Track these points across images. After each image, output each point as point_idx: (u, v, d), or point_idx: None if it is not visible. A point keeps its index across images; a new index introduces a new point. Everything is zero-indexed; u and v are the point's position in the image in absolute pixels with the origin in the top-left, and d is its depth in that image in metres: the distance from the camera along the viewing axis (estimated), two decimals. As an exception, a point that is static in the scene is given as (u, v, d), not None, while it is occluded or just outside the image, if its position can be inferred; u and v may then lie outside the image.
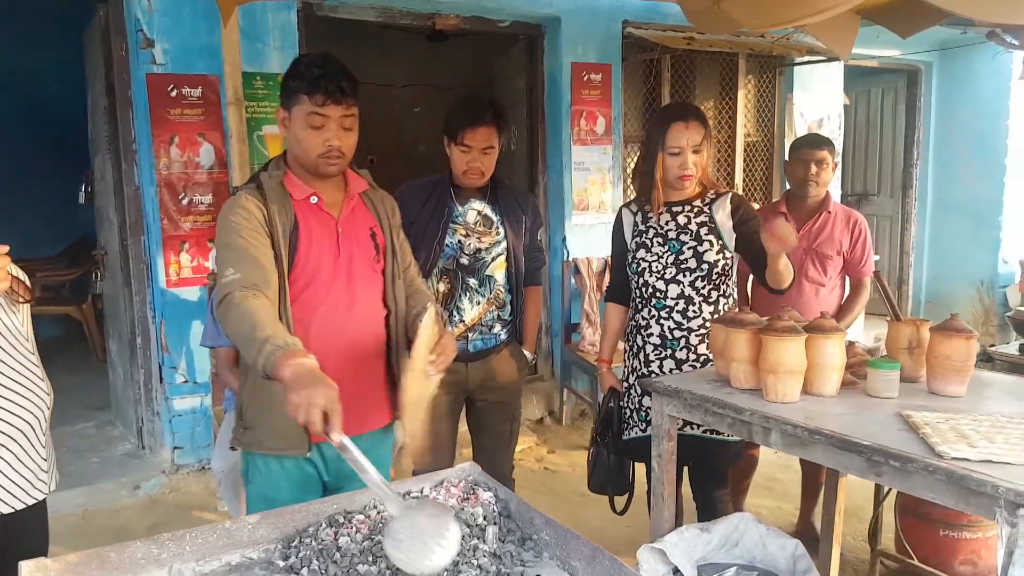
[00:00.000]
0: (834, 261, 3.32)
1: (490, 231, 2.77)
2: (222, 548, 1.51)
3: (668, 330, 2.65)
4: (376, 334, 2.10)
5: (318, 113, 1.91)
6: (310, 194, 2.00)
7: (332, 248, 2.01)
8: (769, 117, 6.46)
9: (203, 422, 4.25)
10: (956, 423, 1.81)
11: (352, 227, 2.06)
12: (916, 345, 2.21)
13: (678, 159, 2.57)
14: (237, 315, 1.74)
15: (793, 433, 1.91)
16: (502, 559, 1.49)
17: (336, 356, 1.96)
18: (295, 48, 4.27)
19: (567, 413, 5.35)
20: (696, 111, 2.63)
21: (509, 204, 2.82)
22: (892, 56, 6.91)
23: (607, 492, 2.86)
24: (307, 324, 1.97)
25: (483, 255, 2.75)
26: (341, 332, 2.01)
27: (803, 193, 3.34)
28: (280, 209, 1.94)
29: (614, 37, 5.41)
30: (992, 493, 1.51)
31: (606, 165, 5.49)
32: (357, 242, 2.06)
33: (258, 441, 2.00)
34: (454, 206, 2.74)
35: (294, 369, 1.58)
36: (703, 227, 2.62)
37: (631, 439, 2.77)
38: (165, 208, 4.04)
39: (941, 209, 7.75)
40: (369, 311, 2.08)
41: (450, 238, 2.73)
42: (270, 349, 1.63)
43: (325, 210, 2.02)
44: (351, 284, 2.03)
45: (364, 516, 1.60)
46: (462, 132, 2.64)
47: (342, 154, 1.97)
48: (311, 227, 1.98)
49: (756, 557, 2.20)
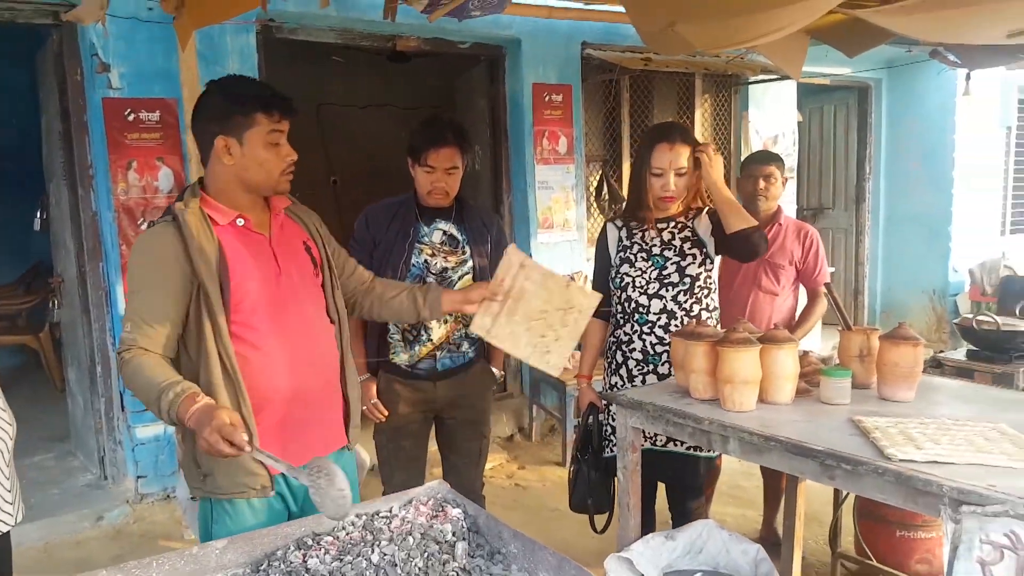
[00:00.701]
0: (786, 271, 3.41)
1: (456, 251, 2.79)
2: (189, 575, 1.52)
3: (650, 345, 2.68)
4: (328, 349, 2.08)
5: (277, 130, 1.91)
6: (235, 217, 1.94)
7: (271, 268, 1.96)
8: (725, 135, 6.59)
9: (167, 450, 4.20)
10: (904, 427, 1.88)
11: (285, 244, 2.02)
12: (867, 353, 2.28)
13: (660, 180, 2.61)
14: (129, 373, 1.80)
15: (750, 441, 1.96)
16: (471, 573, 1.52)
17: (299, 376, 1.96)
18: (255, 71, 4.27)
19: (536, 429, 5.38)
20: (683, 133, 2.66)
21: (474, 224, 2.85)
22: (843, 74, 7.10)
23: (588, 510, 2.86)
24: (264, 349, 1.92)
25: (450, 274, 2.77)
26: (300, 352, 1.97)
27: (753, 207, 3.44)
28: (201, 238, 1.86)
29: (574, 58, 5.50)
30: (937, 492, 1.57)
31: (569, 184, 5.56)
32: (294, 258, 2.03)
33: (220, 487, 1.92)
34: (420, 226, 2.76)
35: (196, 417, 1.68)
36: (687, 241, 2.67)
37: (611, 457, 2.76)
38: (124, 234, 4.01)
39: (893, 221, 7.95)
40: (318, 327, 2.06)
41: (416, 258, 2.74)
42: (168, 400, 1.70)
43: (255, 231, 1.97)
44: (297, 302, 2.00)
45: (333, 538, 1.61)
46: (425, 153, 2.67)
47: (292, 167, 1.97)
48: (241, 250, 1.92)
49: (720, 563, 2.25)
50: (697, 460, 2.66)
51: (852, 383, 2.19)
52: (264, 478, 1.92)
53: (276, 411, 1.93)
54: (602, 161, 5.99)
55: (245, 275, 1.90)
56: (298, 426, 1.97)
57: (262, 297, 1.92)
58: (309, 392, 1.98)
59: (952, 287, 7.71)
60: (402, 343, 2.77)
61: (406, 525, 1.65)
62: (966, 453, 1.69)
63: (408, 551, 1.54)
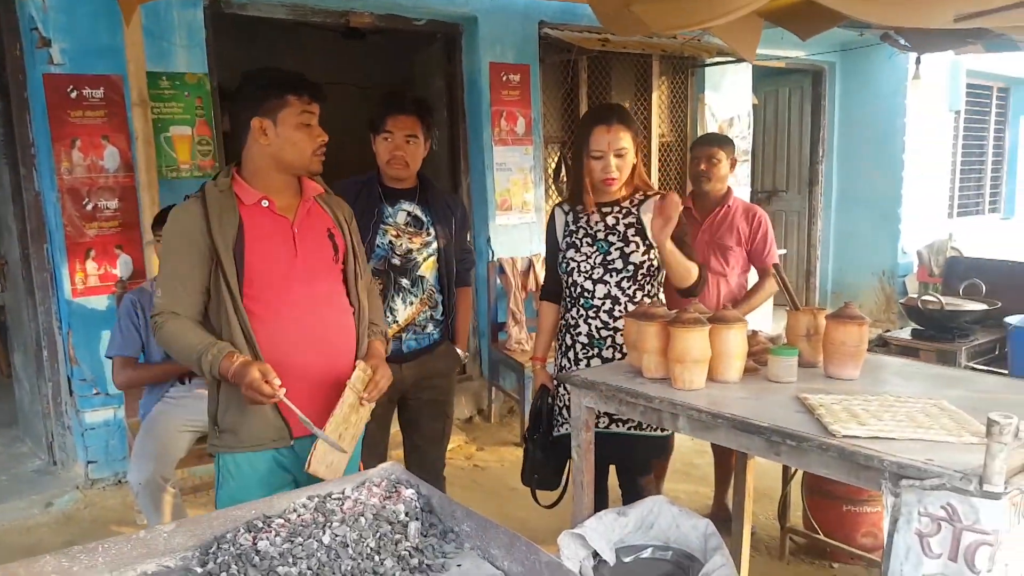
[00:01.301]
0: (735, 252, 3.46)
1: (420, 232, 2.77)
2: (137, 558, 1.49)
3: (595, 329, 2.70)
4: (345, 331, 2.20)
5: (308, 111, 2.05)
6: (260, 198, 2.08)
7: (288, 249, 2.09)
8: (682, 117, 6.64)
9: (117, 435, 4.13)
10: (849, 404, 1.92)
11: (308, 229, 2.14)
12: (813, 332, 2.32)
13: (600, 162, 2.60)
14: (165, 337, 2.03)
15: (698, 418, 1.99)
16: (424, 552, 1.52)
17: (309, 353, 2.10)
18: (202, 47, 4.18)
19: (495, 411, 5.40)
20: (620, 114, 2.64)
21: (438, 205, 2.83)
22: (797, 57, 7.18)
23: (534, 485, 2.89)
24: (275, 323, 2.07)
25: (414, 255, 2.76)
26: (311, 330, 2.11)
27: (699, 189, 3.51)
28: (224, 214, 2.02)
29: (531, 38, 5.47)
30: (878, 467, 1.61)
31: (528, 165, 5.55)
32: (314, 243, 2.14)
33: (238, 440, 2.10)
34: (384, 207, 2.73)
35: (234, 370, 1.94)
36: (630, 228, 2.66)
37: (561, 435, 2.79)
38: (68, 214, 3.90)
39: (845, 204, 8.09)
40: (335, 310, 2.18)
41: (381, 239, 2.72)
42: (209, 358, 1.96)
43: (278, 213, 2.10)
44: (312, 283, 2.12)
45: (283, 520, 1.60)
46: (383, 120, 2.66)
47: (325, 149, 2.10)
48: (260, 229, 2.06)
49: (670, 538, 2.29)
50: (641, 439, 2.69)
51: (799, 362, 2.23)
52: (283, 430, 2.10)
53: (285, 383, 2.02)
54: (560, 143, 5.99)
55: (260, 253, 2.05)
56: (307, 399, 2.07)
57: (274, 275, 2.07)
58: (315, 368, 2.12)
59: (901, 268, 7.89)
60: None
61: (359, 506, 1.65)
62: (907, 429, 1.73)
63: (360, 532, 1.53)
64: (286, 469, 2.16)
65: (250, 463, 2.13)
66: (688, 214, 3.47)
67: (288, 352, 2.07)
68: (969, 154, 9.07)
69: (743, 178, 7.08)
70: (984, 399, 1.97)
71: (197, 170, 4.23)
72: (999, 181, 9.61)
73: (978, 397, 2.00)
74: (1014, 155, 9.52)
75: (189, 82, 4.17)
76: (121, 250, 4.03)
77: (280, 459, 2.16)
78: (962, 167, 8.96)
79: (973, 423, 1.75)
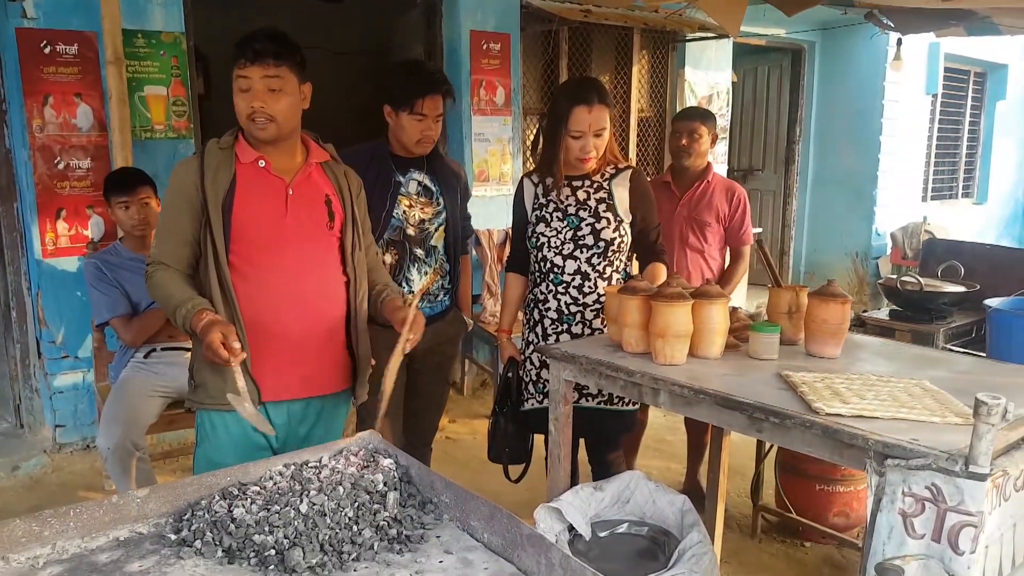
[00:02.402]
0: (713, 228, 3.46)
1: (431, 201, 2.75)
2: (109, 524, 1.46)
3: (565, 305, 2.68)
4: (334, 299, 2.17)
5: (242, 76, 1.97)
6: (257, 158, 2.06)
7: (278, 209, 2.07)
8: (662, 93, 6.60)
9: (86, 398, 4.06)
10: (831, 382, 1.92)
11: (305, 192, 2.11)
12: (795, 310, 2.32)
13: (579, 142, 2.56)
14: (153, 286, 2.05)
15: (680, 393, 1.99)
16: (403, 523, 1.50)
17: (291, 315, 2.08)
18: (179, 5, 4.07)
19: (468, 384, 5.39)
20: (599, 92, 2.59)
21: (445, 173, 2.81)
22: (778, 35, 7.17)
23: (503, 461, 2.89)
24: (259, 282, 2.06)
25: (427, 225, 2.73)
26: (295, 293, 2.08)
27: (679, 164, 3.48)
28: (218, 173, 2.03)
29: (513, 7, 5.40)
30: (862, 445, 1.61)
31: (506, 136, 5.49)
32: (308, 207, 2.11)
33: (209, 396, 2.08)
34: (396, 176, 2.69)
35: (202, 325, 1.91)
36: (601, 203, 2.63)
37: (530, 410, 2.79)
38: (39, 173, 3.80)
39: (821, 184, 8.13)
40: (324, 275, 2.14)
41: (396, 209, 2.68)
42: (183, 313, 1.96)
43: (274, 174, 2.08)
44: (302, 247, 2.09)
45: (259, 487, 1.57)
46: (418, 100, 2.59)
47: (271, 117, 1.99)
48: (253, 188, 2.05)
49: (646, 513, 2.30)
50: (610, 414, 2.68)
51: (780, 339, 2.23)
52: (253, 392, 2.04)
53: (264, 343, 2.05)
54: (539, 114, 5.93)
55: (249, 211, 2.04)
56: (286, 363, 2.09)
57: (260, 234, 2.05)
58: (295, 331, 2.09)
59: (875, 250, 7.97)
60: None
61: (336, 475, 1.63)
62: (890, 408, 1.74)
63: (338, 500, 1.51)
64: (263, 435, 2.11)
65: (225, 424, 2.10)
66: (667, 189, 3.49)
67: (268, 312, 2.06)
68: (944, 138, 9.14)
69: (720, 156, 7.08)
70: (965, 380, 1.98)
71: (171, 131, 4.13)
72: (973, 166, 9.70)
73: (959, 378, 2.01)
74: (989, 141, 9.61)
75: (165, 41, 4.06)
76: (93, 211, 3.94)
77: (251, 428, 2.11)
78: (937, 151, 9.03)
79: (956, 403, 1.76)
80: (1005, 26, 3.94)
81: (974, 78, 9.28)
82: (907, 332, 3.28)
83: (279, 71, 1.98)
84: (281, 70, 1.99)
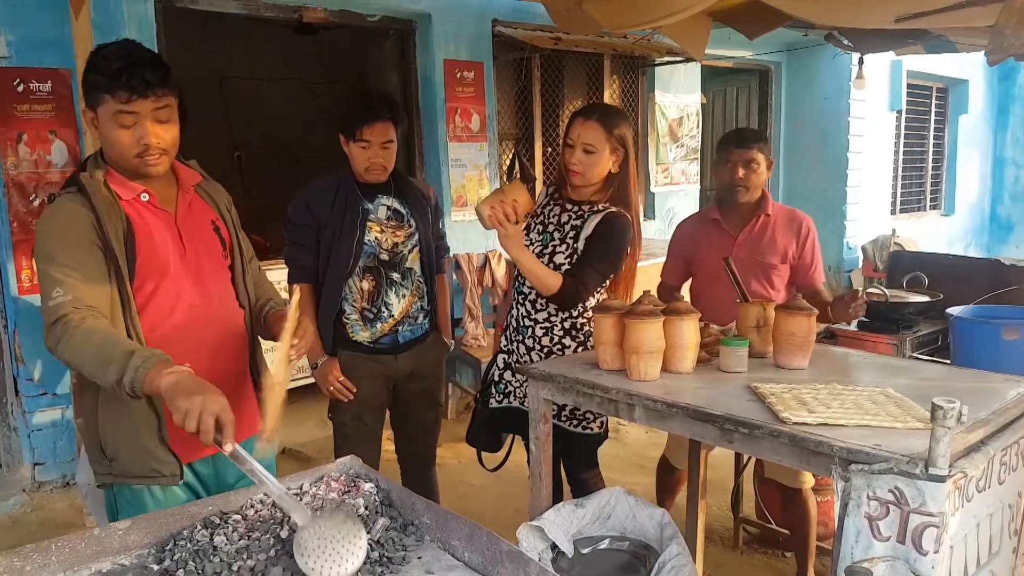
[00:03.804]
0: (780, 271, 2.95)
1: (403, 225, 2.78)
2: (91, 557, 1.47)
3: (521, 316, 2.74)
4: (237, 336, 2.01)
5: (127, 111, 1.75)
6: (140, 192, 1.85)
7: (176, 247, 1.88)
8: (633, 116, 6.72)
9: (65, 435, 4.04)
10: (798, 392, 1.97)
11: (192, 222, 1.94)
12: (763, 323, 2.38)
13: (569, 151, 2.62)
14: (80, 338, 1.66)
15: (654, 408, 2.03)
16: (384, 545, 1.53)
17: (199, 363, 1.79)
18: (152, 42, 4.11)
19: (452, 407, 5.40)
20: (602, 112, 2.61)
21: (414, 195, 2.84)
22: (744, 57, 7.32)
23: (477, 446, 2.94)
24: (162, 332, 1.85)
25: (400, 248, 2.77)
26: (200, 338, 1.89)
27: (732, 199, 2.97)
28: (109, 211, 1.78)
29: (485, 35, 5.50)
30: (828, 452, 1.66)
31: (482, 162, 5.57)
32: (201, 238, 1.95)
33: (125, 471, 1.85)
34: (364, 204, 2.72)
35: (176, 377, 1.55)
36: (572, 231, 2.66)
37: (495, 408, 2.85)
38: (14, 210, 3.81)
39: (792, 200, 8.22)
40: (226, 312, 1.98)
41: (367, 236, 2.71)
42: (137, 362, 1.58)
43: (160, 207, 1.88)
44: (203, 284, 1.92)
45: (240, 516, 1.59)
46: (359, 128, 2.63)
47: (163, 151, 1.81)
48: (147, 227, 1.84)
49: (627, 528, 2.33)
50: (576, 436, 2.71)
51: (749, 352, 2.28)
52: (174, 465, 1.87)
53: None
54: (515, 139, 6.01)
55: (151, 252, 1.83)
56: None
57: (164, 277, 1.85)
58: (215, 376, 1.84)
59: (847, 263, 8.09)
60: (360, 322, 2.76)
61: (317, 501, 1.65)
62: (855, 416, 1.79)
63: (320, 526, 1.53)
64: (190, 492, 1.94)
65: (152, 496, 1.88)
66: (717, 227, 3.04)
67: (181, 358, 1.71)
68: (911, 153, 9.34)
69: (692, 176, 7.20)
70: (928, 387, 2.03)
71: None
72: (939, 179, 9.90)
73: (922, 385, 2.06)
74: (953, 154, 9.82)
75: (138, 76, 4.09)
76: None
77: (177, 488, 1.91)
78: (904, 165, 9.22)
79: (918, 409, 1.81)
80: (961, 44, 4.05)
81: (936, 93, 9.50)
82: (875, 342, 3.34)
83: (168, 100, 1.79)
84: (169, 99, 1.80)
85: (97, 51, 1.79)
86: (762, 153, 2.92)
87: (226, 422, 1.50)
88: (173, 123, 1.83)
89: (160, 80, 1.76)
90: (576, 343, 2.67)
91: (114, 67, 1.72)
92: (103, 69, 1.73)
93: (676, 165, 7.03)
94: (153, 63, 1.77)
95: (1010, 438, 1.82)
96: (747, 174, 2.90)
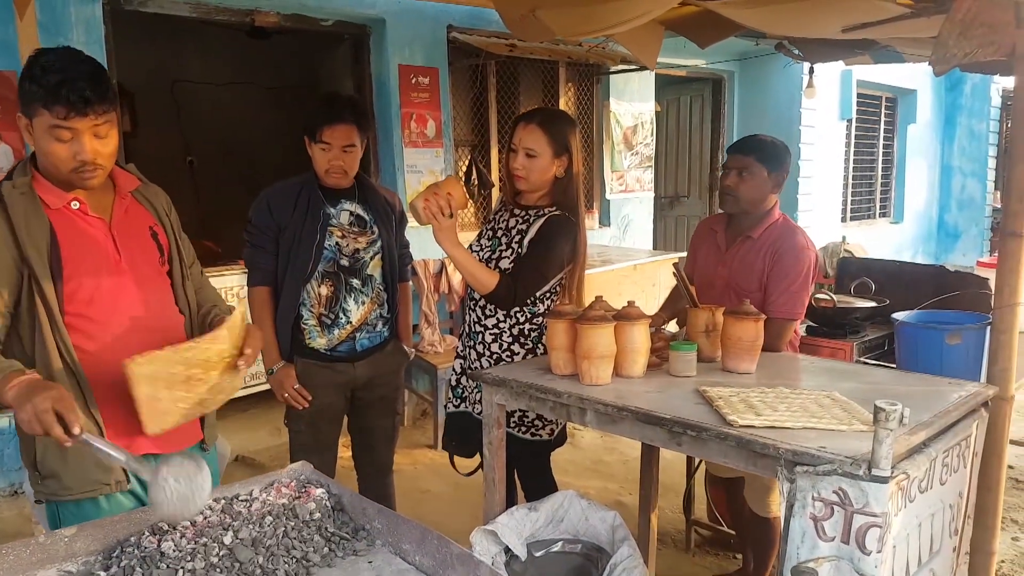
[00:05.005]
0: (755, 299, 2.58)
1: (365, 231, 2.76)
2: (36, 564, 1.45)
3: (472, 322, 2.76)
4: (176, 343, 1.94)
5: (61, 127, 1.69)
6: (69, 200, 1.80)
7: (110, 255, 1.84)
8: (588, 124, 6.77)
9: (12, 443, 3.94)
10: (746, 396, 2.01)
11: (128, 229, 1.90)
12: (712, 328, 2.42)
13: (512, 155, 2.63)
14: None
15: (605, 412, 2.06)
16: (334, 550, 1.53)
17: None
18: (101, 44, 4.04)
19: (408, 414, 5.37)
20: (544, 117, 2.63)
21: (378, 202, 2.82)
22: (698, 66, 7.43)
23: (449, 450, 2.92)
24: (99, 340, 1.82)
25: (362, 255, 2.74)
26: (139, 346, 1.80)
27: (724, 208, 2.83)
28: (30, 221, 1.73)
29: (440, 41, 5.50)
30: (774, 454, 1.70)
31: (438, 168, 5.56)
32: (137, 246, 1.91)
33: (65, 487, 1.82)
34: (326, 208, 2.70)
35: (16, 389, 1.56)
36: (518, 235, 2.65)
37: (451, 412, 2.87)
38: (-44, 215, 3.71)
39: (745, 207, 8.39)
40: (165, 319, 1.94)
41: (328, 240, 2.68)
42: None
43: (92, 214, 1.83)
44: (141, 291, 1.88)
45: (189, 523, 1.57)
46: (320, 130, 2.61)
47: (99, 165, 1.76)
48: (76, 236, 1.79)
49: (580, 531, 2.35)
50: (525, 443, 2.72)
51: (698, 356, 2.32)
52: (119, 472, 1.85)
53: (115, 406, 1.80)
54: (471, 146, 6.03)
55: (80, 263, 1.78)
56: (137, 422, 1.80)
57: (99, 287, 1.81)
58: None
59: (797, 270, 8.22)
60: (318, 328, 2.72)
61: (267, 507, 1.64)
62: (801, 418, 1.83)
63: (267, 531, 1.52)
64: (135, 499, 1.90)
65: (96, 508, 1.84)
66: (711, 240, 2.89)
67: (114, 372, 1.73)
68: (861, 161, 9.56)
69: (647, 183, 7.29)
70: (874, 390, 2.08)
71: (95, 170, 4.07)
72: (889, 187, 10.15)
73: (868, 388, 2.11)
74: (902, 162, 10.08)
75: (86, 79, 4.02)
76: None
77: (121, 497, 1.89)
78: (854, 173, 9.43)
79: (863, 412, 1.86)
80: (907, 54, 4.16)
81: (886, 103, 9.75)
82: (822, 347, 3.42)
83: (108, 116, 1.75)
84: (109, 114, 1.75)
85: (36, 58, 1.74)
86: (762, 164, 2.69)
87: (64, 410, 1.52)
88: (112, 137, 1.79)
89: (100, 97, 1.71)
90: (525, 349, 2.68)
91: (52, 81, 1.66)
92: (41, 80, 1.67)
93: (631, 173, 7.11)
94: (93, 77, 1.71)
95: (952, 440, 1.88)
96: (737, 183, 2.70)
